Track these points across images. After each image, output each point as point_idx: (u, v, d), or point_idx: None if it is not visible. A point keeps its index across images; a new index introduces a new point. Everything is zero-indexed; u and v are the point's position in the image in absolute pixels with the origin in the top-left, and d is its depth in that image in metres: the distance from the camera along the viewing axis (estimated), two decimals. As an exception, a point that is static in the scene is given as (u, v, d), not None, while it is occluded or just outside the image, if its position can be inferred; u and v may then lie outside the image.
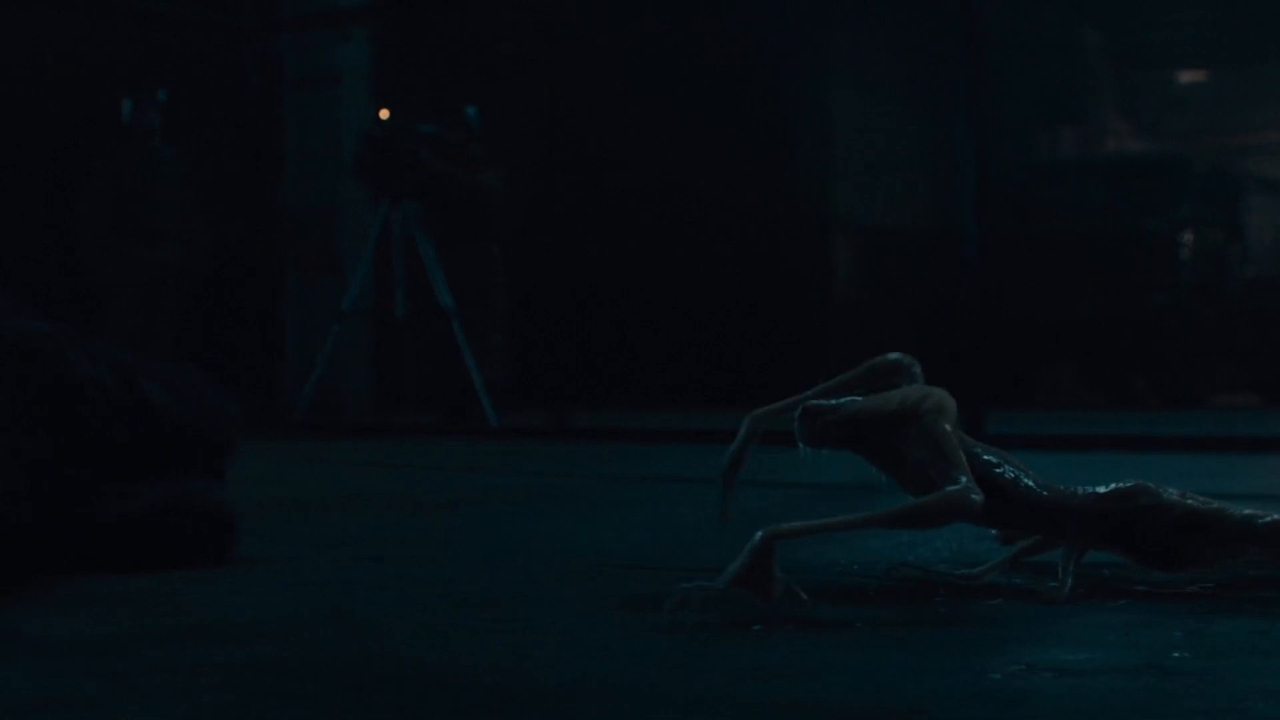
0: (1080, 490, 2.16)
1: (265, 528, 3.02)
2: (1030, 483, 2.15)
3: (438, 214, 8.31)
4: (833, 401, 2.18)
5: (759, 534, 1.95)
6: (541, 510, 3.84)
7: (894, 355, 2.28)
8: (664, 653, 1.70)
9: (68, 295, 7.82)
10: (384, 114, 8.39)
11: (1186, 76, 14.52)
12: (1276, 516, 2.11)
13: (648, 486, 4.58)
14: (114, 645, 1.77)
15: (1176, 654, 1.65)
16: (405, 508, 3.89)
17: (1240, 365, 11.66)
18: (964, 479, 2.05)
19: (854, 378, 2.30)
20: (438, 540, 3.15)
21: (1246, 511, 2.13)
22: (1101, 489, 2.15)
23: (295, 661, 1.68)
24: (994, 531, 2.36)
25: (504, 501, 4.09)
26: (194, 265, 8.62)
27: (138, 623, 1.94)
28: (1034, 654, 1.66)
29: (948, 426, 2.13)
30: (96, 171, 8.41)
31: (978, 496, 2.03)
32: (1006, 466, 2.16)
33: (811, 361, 11.75)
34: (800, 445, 2.17)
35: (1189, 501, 2.13)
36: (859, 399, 2.18)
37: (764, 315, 11.61)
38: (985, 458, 2.15)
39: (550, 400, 7.77)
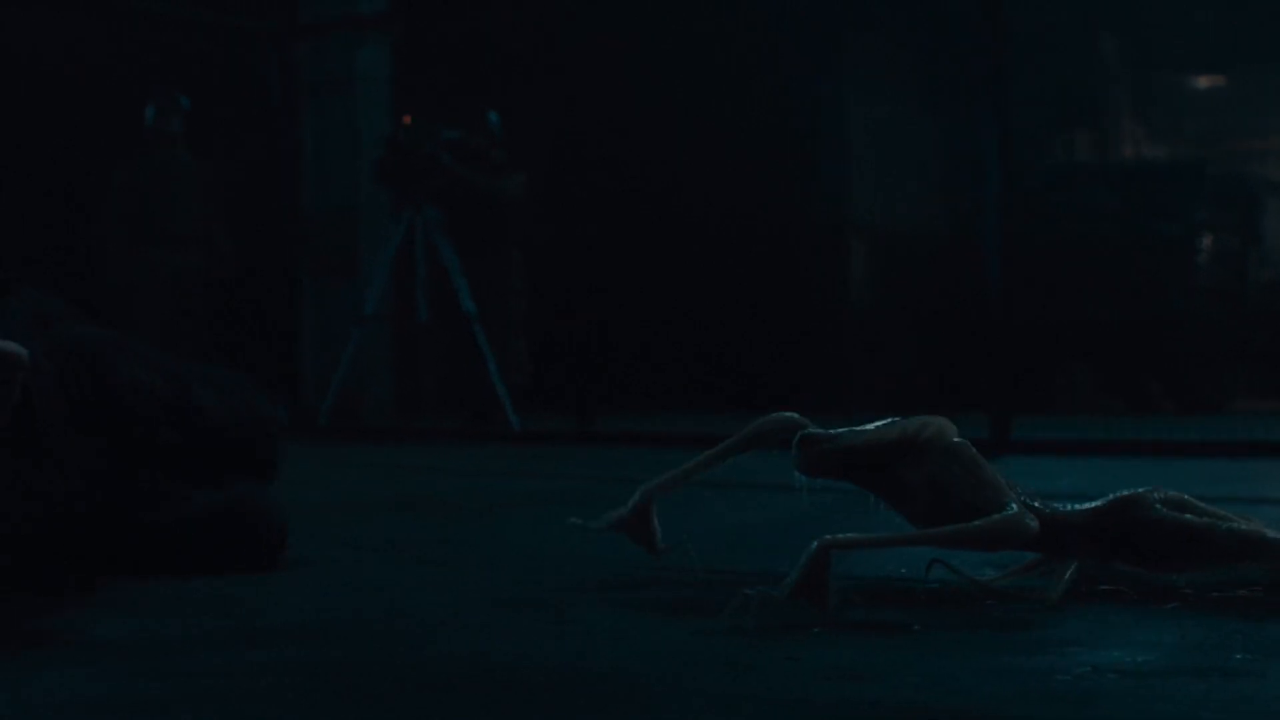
0: (1074, 507, 2.18)
1: (307, 531, 3.04)
2: (1033, 503, 2.17)
3: (459, 219, 8.34)
4: (831, 431, 2.19)
5: (815, 544, 1.97)
6: (576, 514, 3.85)
7: (786, 414, 2.29)
8: (730, 655, 1.72)
9: (90, 299, 7.84)
10: (407, 120, 8.41)
11: (1203, 81, 14.52)
12: (1273, 534, 2.12)
13: (678, 492, 4.59)
14: (177, 647, 1.79)
15: (1239, 656, 1.66)
16: (442, 512, 3.91)
17: (1258, 369, 11.65)
18: (1014, 505, 2.08)
19: (742, 439, 2.32)
20: (478, 543, 3.17)
21: (1245, 527, 2.13)
22: (1098, 503, 2.17)
23: (360, 663, 1.70)
24: None
25: (538, 505, 4.11)
26: (215, 270, 8.65)
27: (198, 625, 1.96)
28: (1096, 656, 1.68)
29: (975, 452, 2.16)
30: (119, 176, 8.45)
31: (1033, 523, 2.06)
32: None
33: (828, 364, 11.77)
34: (796, 474, 2.17)
35: (1186, 516, 2.13)
36: (858, 429, 2.20)
37: (782, 319, 11.62)
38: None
39: (571, 404, 7.79)
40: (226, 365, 2.88)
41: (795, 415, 2.29)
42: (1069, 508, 2.18)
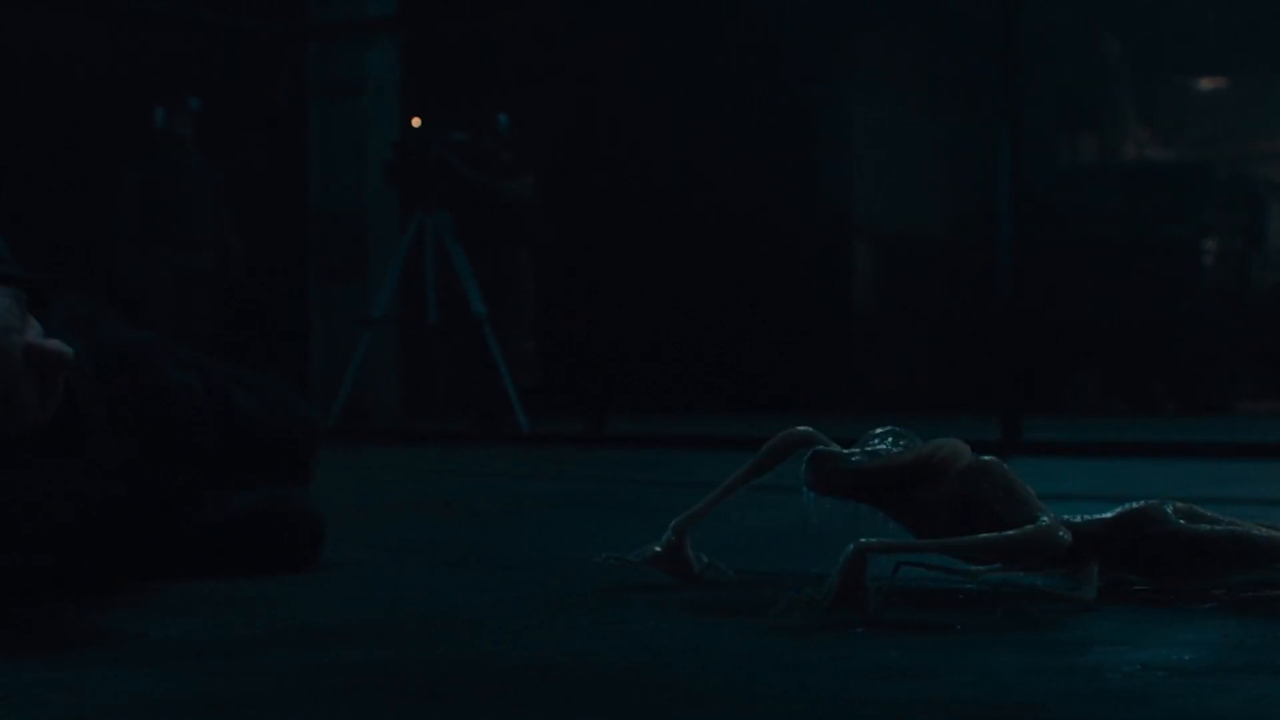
0: (1084, 518, 2.19)
1: (332, 533, 3.06)
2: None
3: (469, 221, 8.37)
4: (844, 450, 2.19)
5: (850, 547, 1.99)
6: (598, 516, 3.88)
7: (801, 429, 2.30)
8: (778, 655, 1.73)
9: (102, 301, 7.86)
10: (416, 122, 8.44)
11: (1208, 83, 14.54)
12: None
13: (695, 493, 4.61)
14: (233, 647, 1.81)
15: (1284, 655, 1.68)
16: (464, 513, 3.93)
17: (1262, 371, 11.69)
18: (1045, 519, 2.09)
19: (764, 456, 2.32)
20: (503, 545, 3.19)
21: (1261, 533, 2.13)
22: (1109, 514, 2.17)
23: (419, 663, 1.71)
24: None
25: (555, 507, 4.13)
26: (225, 272, 8.68)
27: (249, 626, 1.97)
28: (1142, 654, 1.69)
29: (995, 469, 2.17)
30: (129, 178, 8.47)
31: (1066, 536, 2.07)
32: None
33: (833, 365, 11.79)
34: (804, 490, 2.17)
35: (1201, 527, 2.13)
36: (870, 449, 2.19)
37: (787, 320, 11.64)
38: None
39: (578, 406, 7.82)
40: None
41: (810, 430, 2.30)
42: (1079, 518, 2.19)
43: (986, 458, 2.20)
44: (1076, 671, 1.60)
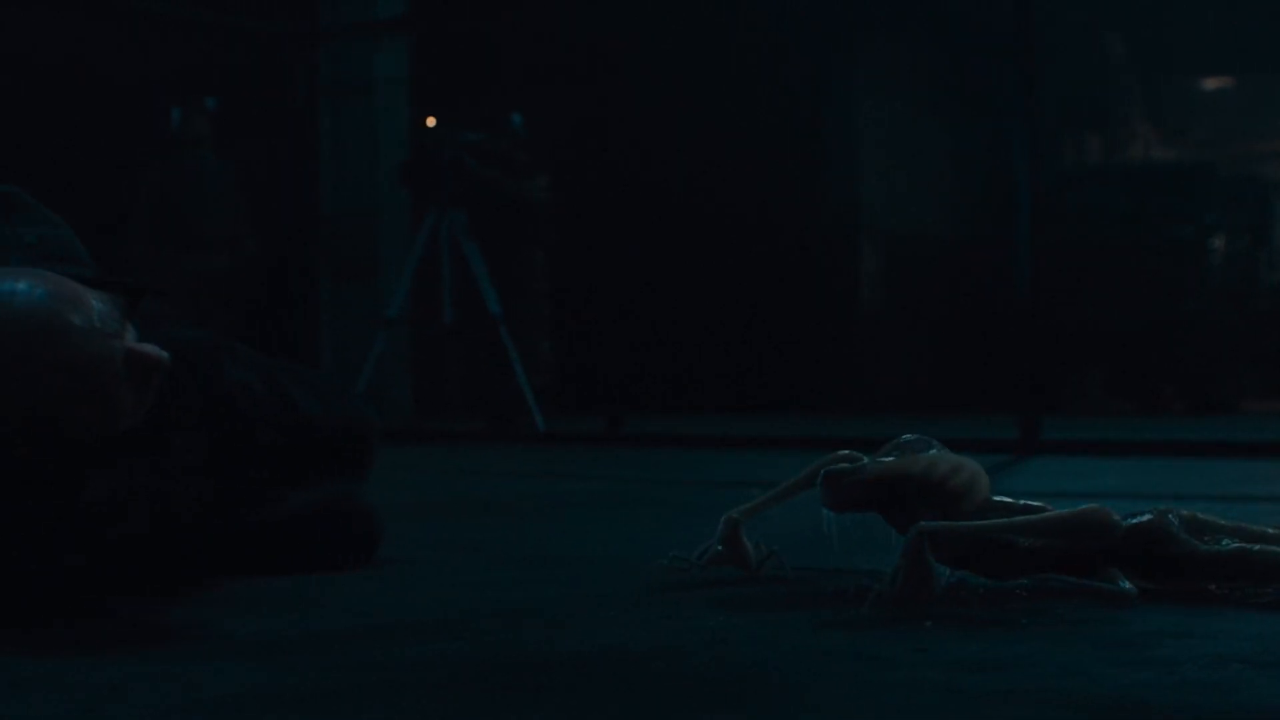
0: None
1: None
2: None
3: (483, 221, 8.38)
4: (854, 465, 2.21)
5: (912, 530, 2.03)
6: (633, 514, 3.91)
7: (847, 452, 2.32)
8: (857, 648, 1.76)
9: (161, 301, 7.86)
10: (430, 122, 8.46)
11: (1213, 83, 14.57)
12: None
13: (720, 491, 4.66)
14: (317, 644, 1.83)
15: (1354, 647, 1.71)
16: (502, 512, 3.96)
17: (1269, 370, 11.71)
18: None
19: (808, 475, 2.35)
20: (547, 543, 3.22)
21: (1265, 550, 2.14)
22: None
23: (499, 658, 1.74)
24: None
25: (587, 506, 4.16)
26: (239, 272, 8.70)
27: (321, 622, 2.00)
28: (1213, 648, 1.72)
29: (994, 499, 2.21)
30: (145, 179, 8.49)
31: (1119, 518, 2.10)
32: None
33: (841, 366, 11.82)
34: (824, 511, 2.20)
35: (1208, 546, 2.15)
36: (884, 460, 2.22)
37: (796, 321, 11.66)
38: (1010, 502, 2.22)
39: (588, 406, 7.85)
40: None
41: (856, 454, 2.33)
42: None
43: (997, 499, 2.22)
44: (1154, 664, 1.63)
